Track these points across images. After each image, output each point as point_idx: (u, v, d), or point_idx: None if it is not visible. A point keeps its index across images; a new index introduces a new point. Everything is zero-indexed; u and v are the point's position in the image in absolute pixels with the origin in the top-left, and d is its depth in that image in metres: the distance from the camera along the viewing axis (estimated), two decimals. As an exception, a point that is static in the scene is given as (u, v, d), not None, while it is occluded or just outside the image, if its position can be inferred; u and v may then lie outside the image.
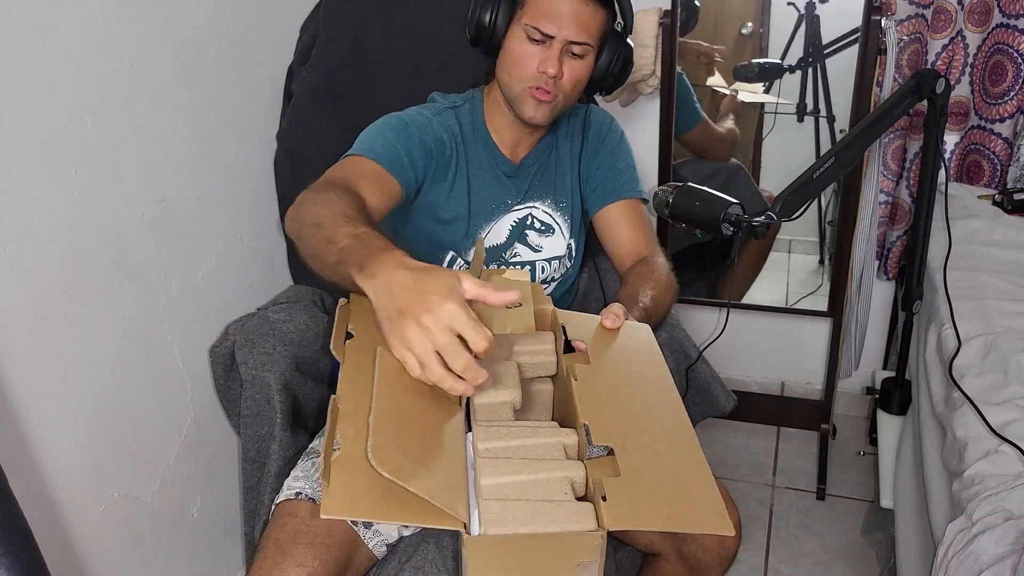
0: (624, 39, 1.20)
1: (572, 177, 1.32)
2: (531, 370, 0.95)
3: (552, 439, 0.80)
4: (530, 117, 1.17)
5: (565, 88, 1.15)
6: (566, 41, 1.11)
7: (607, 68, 1.19)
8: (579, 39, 1.11)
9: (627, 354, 0.95)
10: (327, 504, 0.68)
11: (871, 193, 1.69)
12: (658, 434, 0.81)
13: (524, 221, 1.29)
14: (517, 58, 1.14)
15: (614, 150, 1.33)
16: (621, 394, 0.86)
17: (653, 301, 1.15)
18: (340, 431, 0.75)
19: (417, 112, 1.21)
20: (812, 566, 1.66)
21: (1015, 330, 1.23)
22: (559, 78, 1.13)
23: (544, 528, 0.70)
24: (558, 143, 1.32)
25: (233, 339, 1.18)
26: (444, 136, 1.20)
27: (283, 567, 0.94)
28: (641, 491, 0.73)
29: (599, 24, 1.14)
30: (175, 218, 1.28)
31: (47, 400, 1.07)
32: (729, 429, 2.07)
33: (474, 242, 1.24)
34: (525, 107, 1.16)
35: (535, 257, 1.30)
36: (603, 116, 1.35)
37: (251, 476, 1.18)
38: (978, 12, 1.59)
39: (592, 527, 0.70)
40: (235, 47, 1.41)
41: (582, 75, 1.16)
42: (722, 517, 0.72)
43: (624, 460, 0.75)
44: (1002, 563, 0.86)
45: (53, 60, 1.04)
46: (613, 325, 0.98)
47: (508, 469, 0.75)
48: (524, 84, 1.14)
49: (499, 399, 0.85)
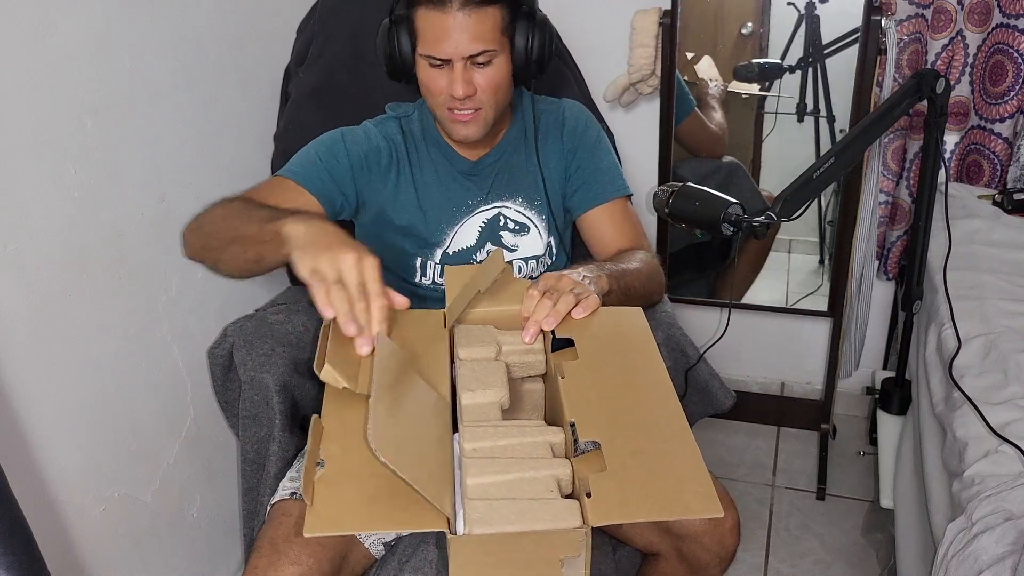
0: (532, 16, 1.13)
1: (548, 175, 1.27)
2: (520, 370, 0.95)
3: (539, 438, 0.80)
4: (463, 137, 1.16)
5: (485, 99, 1.12)
6: (463, 58, 1.08)
7: (525, 56, 1.13)
8: (475, 51, 1.07)
9: (617, 343, 0.94)
10: (311, 523, 0.70)
11: (871, 193, 1.69)
12: (647, 423, 0.81)
13: (496, 222, 1.26)
14: (427, 86, 1.13)
15: (593, 148, 1.28)
16: (610, 387, 0.86)
17: (623, 272, 1.11)
18: (324, 449, 0.77)
19: (357, 127, 1.23)
20: (812, 566, 1.66)
21: (1015, 330, 1.23)
22: (472, 94, 1.10)
23: (529, 527, 0.70)
24: (526, 140, 1.27)
25: (231, 340, 1.18)
26: (382, 145, 1.21)
27: (278, 566, 0.94)
28: (628, 483, 0.73)
29: (493, 25, 1.08)
30: (175, 218, 1.28)
31: (47, 400, 1.07)
32: (729, 429, 2.07)
33: (439, 245, 1.23)
34: (454, 129, 1.15)
35: (511, 257, 1.27)
36: (578, 112, 1.30)
37: (250, 477, 1.18)
38: (978, 12, 1.59)
39: (577, 524, 0.71)
40: (235, 47, 1.41)
41: (498, 78, 1.12)
42: (711, 499, 0.72)
43: (611, 454, 0.75)
44: (1002, 563, 0.86)
45: (53, 60, 1.04)
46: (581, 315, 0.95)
47: (494, 469, 0.76)
48: (443, 108, 1.13)
49: (486, 399, 0.85)
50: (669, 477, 0.74)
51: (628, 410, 0.83)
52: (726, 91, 1.83)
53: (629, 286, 1.11)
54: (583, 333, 0.94)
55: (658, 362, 0.90)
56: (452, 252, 1.24)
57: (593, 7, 1.73)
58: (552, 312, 0.94)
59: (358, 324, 0.84)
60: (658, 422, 0.81)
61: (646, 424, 0.81)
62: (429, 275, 1.24)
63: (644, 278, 1.15)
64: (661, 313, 1.24)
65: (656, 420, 0.81)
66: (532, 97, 1.28)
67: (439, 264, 1.24)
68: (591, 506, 0.70)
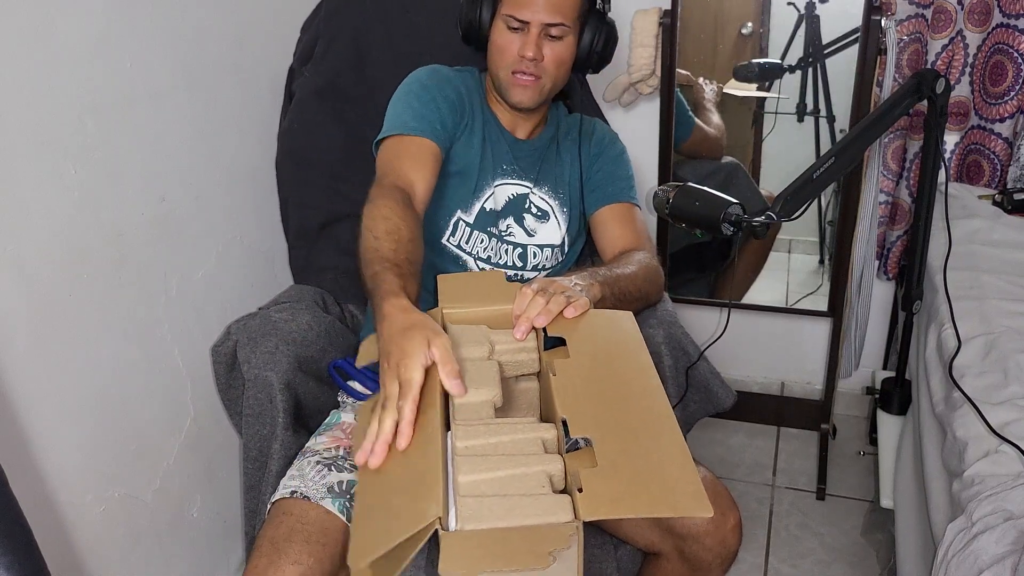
0: (604, 16, 1.25)
1: (572, 175, 1.35)
2: (513, 368, 0.95)
3: (531, 434, 0.81)
4: (517, 101, 1.23)
5: (548, 69, 1.21)
6: (542, 25, 1.17)
7: (590, 46, 1.24)
8: (554, 21, 1.17)
9: (608, 343, 0.95)
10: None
11: (871, 193, 1.69)
12: (637, 422, 0.81)
13: (523, 201, 1.32)
14: (500, 47, 1.21)
15: (615, 159, 1.37)
16: (601, 385, 0.86)
17: (616, 278, 1.13)
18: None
19: (433, 70, 1.28)
20: (812, 566, 1.66)
21: (1015, 330, 1.23)
22: (539, 60, 1.19)
23: (520, 522, 0.71)
24: (559, 142, 1.36)
25: (235, 338, 1.18)
26: (463, 90, 1.28)
27: (278, 565, 0.94)
28: (618, 480, 0.73)
29: (574, 5, 1.19)
30: (175, 218, 1.28)
31: (47, 400, 1.07)
32: (729, 429, 2.07)
33: (479, 197, 1.28)
34: (512, 92, 1.23)
35: (528, 241, 1.32)
36: (607, 130, 1.41)
37: (252, 475, 1.18)
38: (978, 12, 1.59)
39: (568, 519, 0.71)
40: (235, 47, 1.41)
41: (564, 56, 1.21)
42: (700, 498, 0.72)
43: (602, 450, 0.76)
44: (1002, 563, 0.86)
45: (53, 60, 1.04)
46: (573, 315, 0.97)
47: (486, 466, 0.76)
48: (508, 70, 1.21)
49: (479, 398, 0.85)
50: (658, 475, 0.75)
51: (619, 408, 0.83)
52: (721, 91, 1.83)
53: (624, 291, 1.13)
54: (574, 332, 0.94)
55: (648, 364, 0.91)
56: (488, 209, 1.29)
57: (593, 7, 1.73)
58: (544, 310, 0.95)
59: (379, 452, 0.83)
60: (647, 422, 0.82)
61: (636, 423, 0.81)
62: (457, 236, 1.28)
63: (640, 280, 1.18)
64: (662, 312, 1.24)
65: (645, 419, 0.82)
66: (567, 111, 1.40)
67: (470, 227, 1.28)
68: (582, 501, 0.71)
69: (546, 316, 0.95)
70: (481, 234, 1.28)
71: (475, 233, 1.28)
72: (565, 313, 0.96)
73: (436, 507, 0.71)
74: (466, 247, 1.28)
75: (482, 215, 1.28)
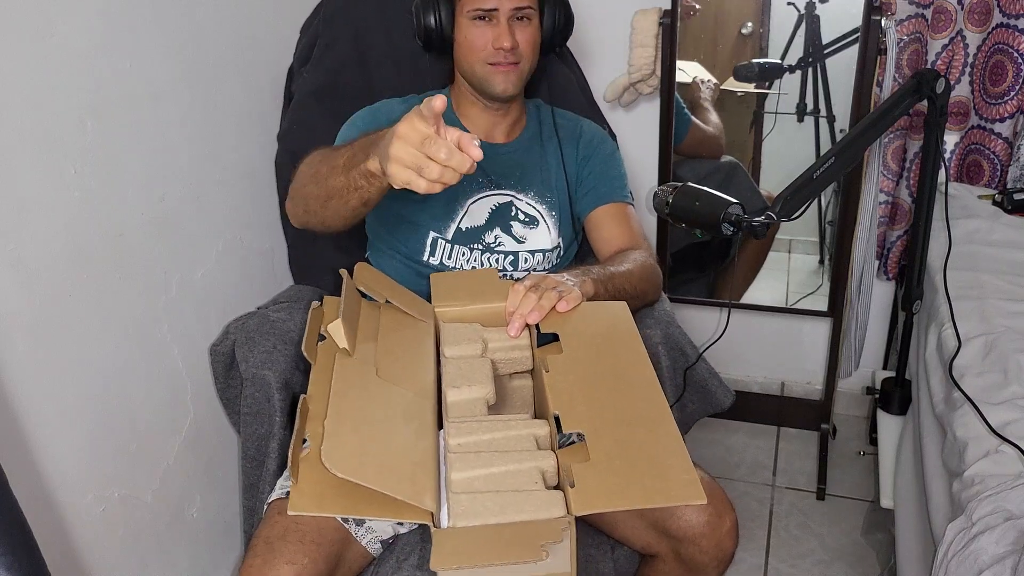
0: None
1: (559, 177, 1.33)
2: (506, 366, 0.95)
3: (523, 431, 0.81)
4: (502, 90, 1.22)
5: (525, 53, 1.22)
6: (510, 10, 1.18)
7: (552, 26, 1.25)
8: (521, 4, 1.18)
9: (602, 336, 0.95)
10: (295, 500, 0.70)
11: (871, 193, 1.69)
12: (631, 414, 0.81)
13: (507, 210, 1.30)
14: (470, 42, 1.20)
15: (607, 159, 1.36)
16: (594, 379, 0.86)
17: (611, 275, 1.14)
18: (309, 430, 0.78)
19: (385, 101, 1.30)
20: (812, 566, 1.66)
21: (1015, 330, 1.23)
22: (515, 47, 1.19)
23: (512, 518, 0.71)
24: (541, 143, 1.34)
25: (233, 338, 1.19)
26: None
27: (273, 564, 0.94)
28: (611, 473, 0.73)
29: None
30: (175, 218, 1.28)
31: (47, 400, 1.07)
32: (729, 429, 2.07)
33: (452, 219, 1.27)
34: (493, 83, 1.22)
35: (518, 248, 1.31)
36: (596, 130, 1.40)
37: (251, 474, 1.18)
38: (978, 12, 1.59)
39: (560, 514, 0.71)
40: (235, 47, 1.41)
41: (534, 37, 1.23)
42: (693, 486, 0.72)
43: (595, 445, 0.76)
44: (1002, 563, 0.86)
45: (53, 60, 1.04)
46: (565, 308, 0.98)
47: (479, 463, 0.77)
48: (483, 63, 1.21)
49: (472, 395, 0.85)
50: (652, 466, 0.75)
51: (612, 401, 0.83)
52: (719, 90, 1.83)
53: (619, 288, 1.13)
54: (567, 327, 0.94)
55: (642, 354, 0.91)
56: (464, 228, 1.27)
57: (593, 7, 1.73)
58: (536, 306, 0.95)
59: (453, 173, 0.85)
60: (641, 412, 0.81)
61: (630, 415, 0.81)
62: (438, 255, 1.27)
63: (636, 279, 1.18)
64: (660, 312, 1.24)
65: (639, 411, 0.82)
66: (552, 109, 1.37)
67: (450, 243, 1.27)
68: (574, 496, 0.71)
69: (539, 312, 0.96)
70: (463, 247, 1.28)
71: (456, 247, 1.28)
72: (557, 307, 0.97)
73: (431, 501, 0.71)
74: (449, 262, 1.28)
75: (459, 234, 1.28)
